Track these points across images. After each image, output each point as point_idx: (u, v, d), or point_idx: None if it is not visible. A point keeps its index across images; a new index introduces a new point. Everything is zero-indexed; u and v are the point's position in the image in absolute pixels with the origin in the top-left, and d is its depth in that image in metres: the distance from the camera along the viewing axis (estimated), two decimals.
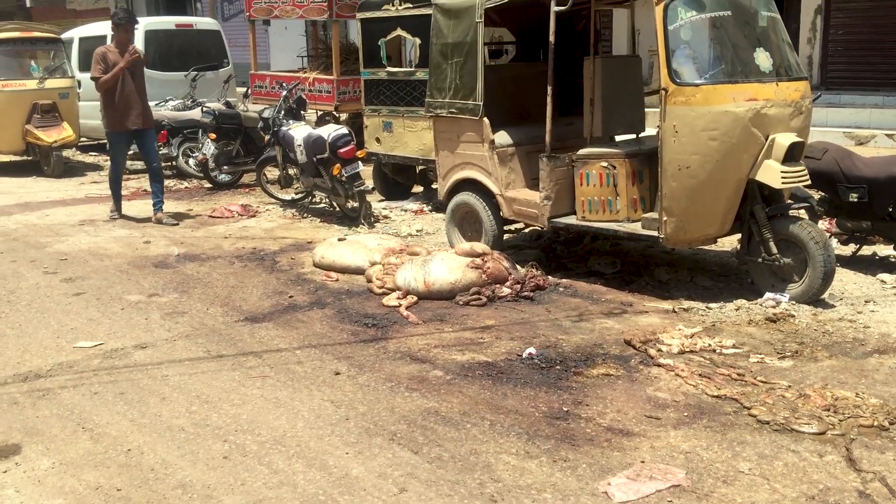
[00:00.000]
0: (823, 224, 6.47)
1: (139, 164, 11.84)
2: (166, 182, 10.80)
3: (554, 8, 5.77)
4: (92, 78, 8.16)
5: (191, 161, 10.90)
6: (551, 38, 5.85)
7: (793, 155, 5.24)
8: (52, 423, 3.97)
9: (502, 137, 6.36)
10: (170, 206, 9.42)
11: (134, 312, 5.62)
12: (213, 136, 10.09)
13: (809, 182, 5.54)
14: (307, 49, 13.81)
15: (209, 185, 10.42)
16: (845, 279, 5.81)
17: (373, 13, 8.90)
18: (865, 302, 5.37)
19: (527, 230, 7.27)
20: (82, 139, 13.38)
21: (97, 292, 6.09)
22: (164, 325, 5.35)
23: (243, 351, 4.84)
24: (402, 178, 9.29)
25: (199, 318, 5.47)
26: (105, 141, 12.35)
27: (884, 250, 6.34)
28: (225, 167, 10.37)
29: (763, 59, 5.39)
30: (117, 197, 8.80)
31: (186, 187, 10.61)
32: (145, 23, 13.62)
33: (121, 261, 6.99)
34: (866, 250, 6.35)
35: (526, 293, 5.69)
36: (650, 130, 6.45)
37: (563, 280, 6.03)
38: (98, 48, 8.29)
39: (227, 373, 4.51)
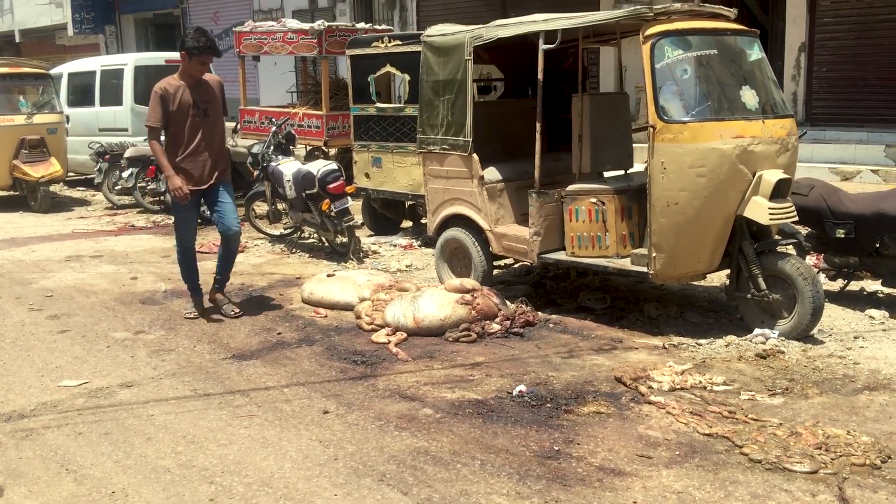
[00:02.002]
0: (811, 260, 6.50)
1: (126, 199, 11.86)
2: (155, 217, 10.84)
3: (542, 46, 5.83)
4: (147, 126, 5.98)
5: None
6: (540, 76, 5.90)
7: (780, 191, 5.27)
8: (35, 464, 3.90)
9: (491, 173, 6.38)
10: (156, 241, 9.40)
11: (120, 350, 5.56)
12: None
13: (797, 218, 5.57)
14: (297, 85, 13.90)
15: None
16: (834, 315, 5.82)
17: (362, 50, 8.97)
18: (854, 338, 5.37)
19: (516, 265, 7.27)
20: (70, 174, 13.35)
21: (83, 329, 6.02)
22: (151, 362, 5.29)
23: (230, 389, 4.78)
24: (391, 213, 9.30)
25: (185, 355, 5.42)
26: (92, 175, 12.41)
27: (871, 286, 6.36)
28: None
29: (749, 96, 5.44)
30: (194, 287, 6.32)
31: None
32: (135, 58, 13.69)
33: (107, 297, 6.93)
34: (854, 286, 6.37)
35: (516, 329, 5.67)
36: (638, 166, 6.49)
37: (553, 316, 6.01)
38: (158, 85, 5.94)
39: (214, 412, 4.46)
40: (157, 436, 4.17)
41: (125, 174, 11.13)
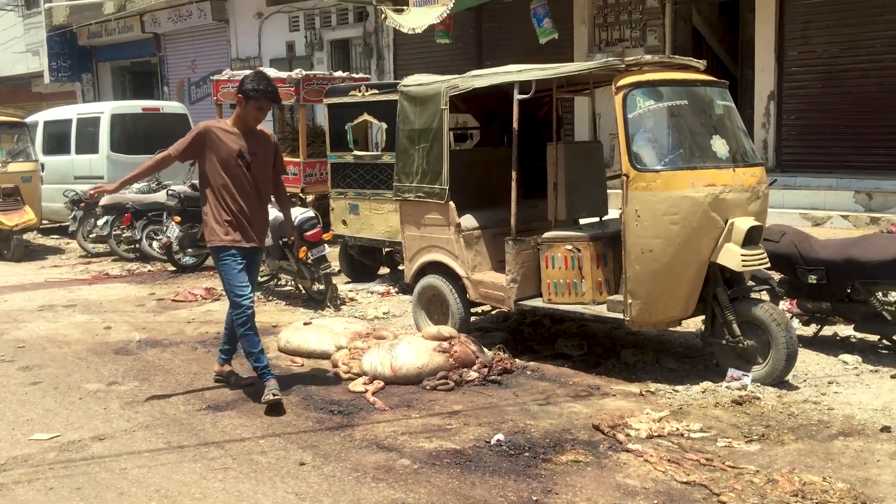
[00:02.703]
0: (784, 305, 6.57)
1: (101, 247, 11.78)
2: (130, 266, 10.76)
3: (517, 96, 5.92)
4: (159, 151, 5.44)
5: (154, 244, 10.84)
6: (515, 125, 5.99)
7: (752, 238, 5.35)
8: None
9: (468, 221, 6.42)
10: (131, 289, 9.33)
11: (92, 402, 5.47)
12: (178, 218, 10.06)
13: (769, 264, 5.65)
14: (274, 132, 13.94)
15: (173, 269, 10.33)
16: (808, 360, 5.87)
17: (340, 98, 9.05)
18: (829, 383, 5.42)
19: (494, 312, 7.28)
20: (44, 222, 13.26)
21: (55, 381, 5.93)
22: (124, 414, 5.21)
23: (205, 441, 4.72)
24: (368, 260, 9.31)
25: (159, 407, 5.34)
26: (67, 224, 12.33)
27: (844, 331, 6.43)
28: (189, 250, 10.31)
29: (720, 145, 5.55)
30: (264, 367, 5.33)
31: (150, 270, 10.52)
32: (111, 106, 13.72)
33: (80, 347, 6.84)
34: (827, 331, 6.44)
35: (493, 377, 5.66)
36: (613, 213, 6.56)
37: (531, 363, 6.01)
38: (205, 123, 5.40)
39: (188, 464, 4.39)
40: (130, 490, 4.10)
41: (100, 222, 11.09)
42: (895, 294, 5.94)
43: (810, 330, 6.39)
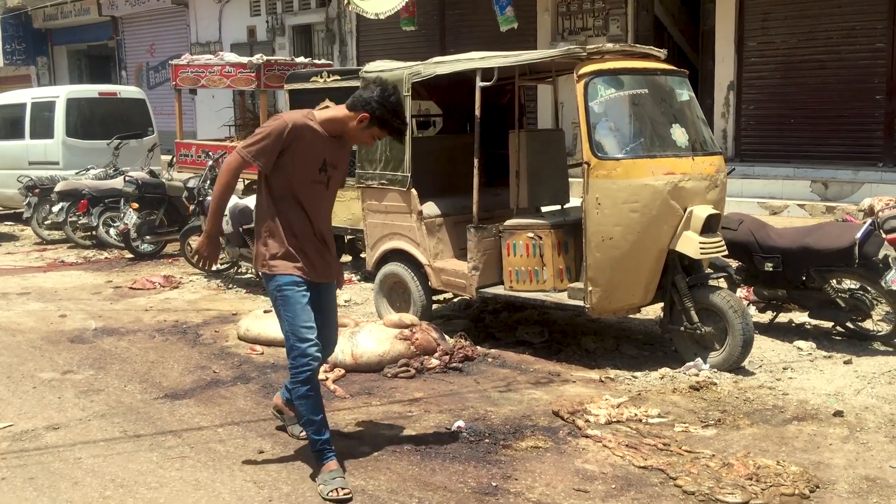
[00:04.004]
0: (741, 292, 6.67)
1: (56, 234, 11.55)
2: (86, 253, 10.57)
3: (479, 84, 5.91)
4: (241, 153, 3.96)
5: (111, 231, 10.65)
6: (477, 112, 5.98)
7: (710, 226, 5.41)
8: None
9: (430, 208, 6.40)
10: (87, 277, 9.17)
11: (46, 391, 5.37)
12: (136, 205, 9.90)
13: (726, 252, 5.72)
14: (235, 118, 13.80)
15: (131, 256, 10.17)
16: (764, 346, 5.97)
17: (301, 84, 8.96)
18: (784, 369, 5.51)
19: (455, 300, 7.28)
20: None
21: (7, 370, 5.81)
22: (79, 403, 5.12)
23: (162, 430, 4.66)
24: None
25: (115, 395, 5.26)
26: (21, 210, 12.05)
27: (799, 317, 6.55)
28: (147, 237, 10.15)
29: (679, 134, 5.60)
30: (322, 444, 3.99)
31: (107, 258, 10.34)
32: (67, 91, 13.44)
33: (34, 336, 6.71)
34: (783, 317, 6.55)
35: (455, 364, 5.67)
36: (575, 201, 6.59)
37: (492, 350, 6.03)
38: (291, 115, 4.01)
39: (145, 454, 4.33)
40: (85, 480, 4.03)
41: (55, 208, 10.85)
42: (849, 282, 6.06)
43: (766, 317, 6.49)
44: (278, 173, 3.98)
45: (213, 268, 4.75)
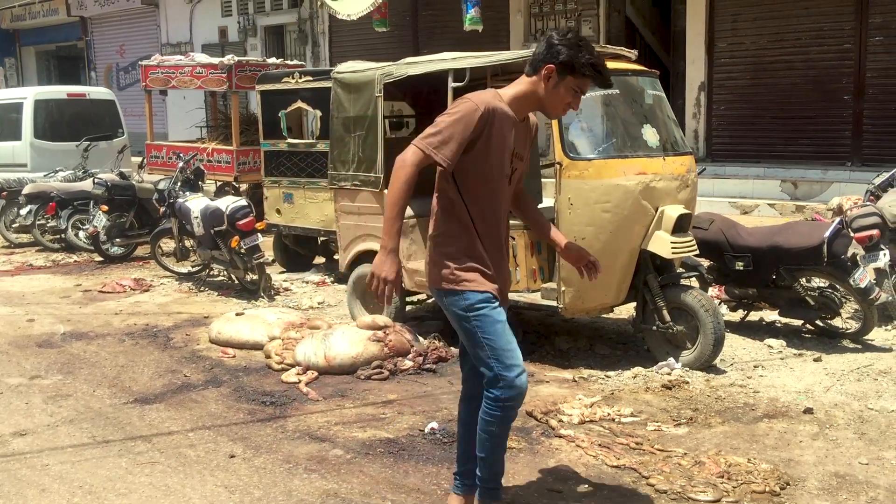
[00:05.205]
0: (713, 291, 6.71)
1: (25, 237, 11.37)
2: (55, 256, 10.42)
3: (451, 84, 5.90)
4: (421, 147, 3.31)
5: (81, 234, 10.50)
6: None
7: (681, 226, 5.44)
8: None
9: None
10: (56, 281, 9.03)
11: (13, 396, 5.28)
12: (105, 207, 9.77)
13: (698, 251, 5.76)
14: (206, 119, 13.68)
15: (100, 259, 10.04)
16: (735, 345, 6.01)
17: (273, 85, 8.89)
18: (754, 367, 5.56)
19: (429, 301, 7.26)
20: None
21: None
22: (47, 409, 5.04)
23: (131, 435, 4.59)
24: (303, 249, 9.19)
25: (84, 400, 5.19)
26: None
27: (769, 316, 6.61)
28: (117, 240, 10.02)
29: (650, 134, 5.62)
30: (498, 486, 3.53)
31: (76, 261, 10.19)
32: (35, 92, 13.26)
33: (1, 341, 6.59)
34: (754, 316, 6.60)
35: (428, 365, 5.65)
36: (548, 201, 6.60)
37: None
38: (480, 97, 3.26)
39: (114, 459, 4.27)
40: (52, 487, 3.96)
41: (23, 211, 10.68)
42: (818, 280, 6.13)
43: (737, 315, 6.54)
44: (463, 169, 3.29)
45: (394, 300, 4.10)
